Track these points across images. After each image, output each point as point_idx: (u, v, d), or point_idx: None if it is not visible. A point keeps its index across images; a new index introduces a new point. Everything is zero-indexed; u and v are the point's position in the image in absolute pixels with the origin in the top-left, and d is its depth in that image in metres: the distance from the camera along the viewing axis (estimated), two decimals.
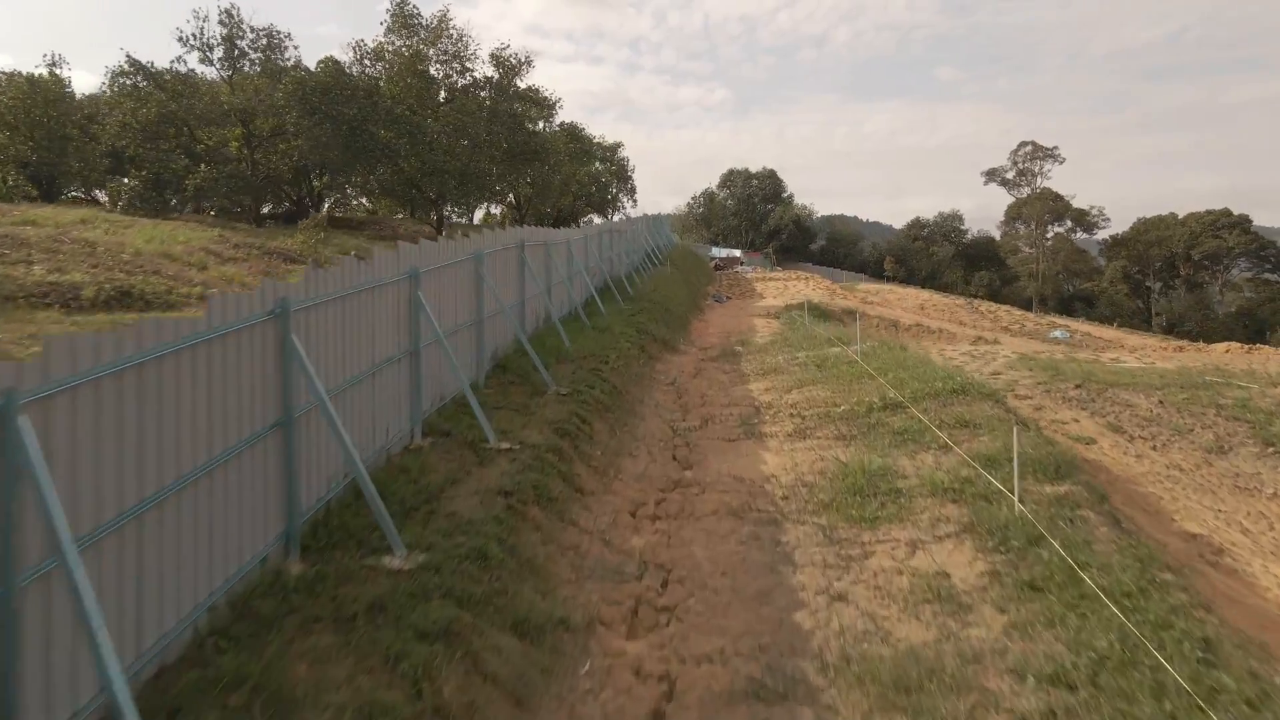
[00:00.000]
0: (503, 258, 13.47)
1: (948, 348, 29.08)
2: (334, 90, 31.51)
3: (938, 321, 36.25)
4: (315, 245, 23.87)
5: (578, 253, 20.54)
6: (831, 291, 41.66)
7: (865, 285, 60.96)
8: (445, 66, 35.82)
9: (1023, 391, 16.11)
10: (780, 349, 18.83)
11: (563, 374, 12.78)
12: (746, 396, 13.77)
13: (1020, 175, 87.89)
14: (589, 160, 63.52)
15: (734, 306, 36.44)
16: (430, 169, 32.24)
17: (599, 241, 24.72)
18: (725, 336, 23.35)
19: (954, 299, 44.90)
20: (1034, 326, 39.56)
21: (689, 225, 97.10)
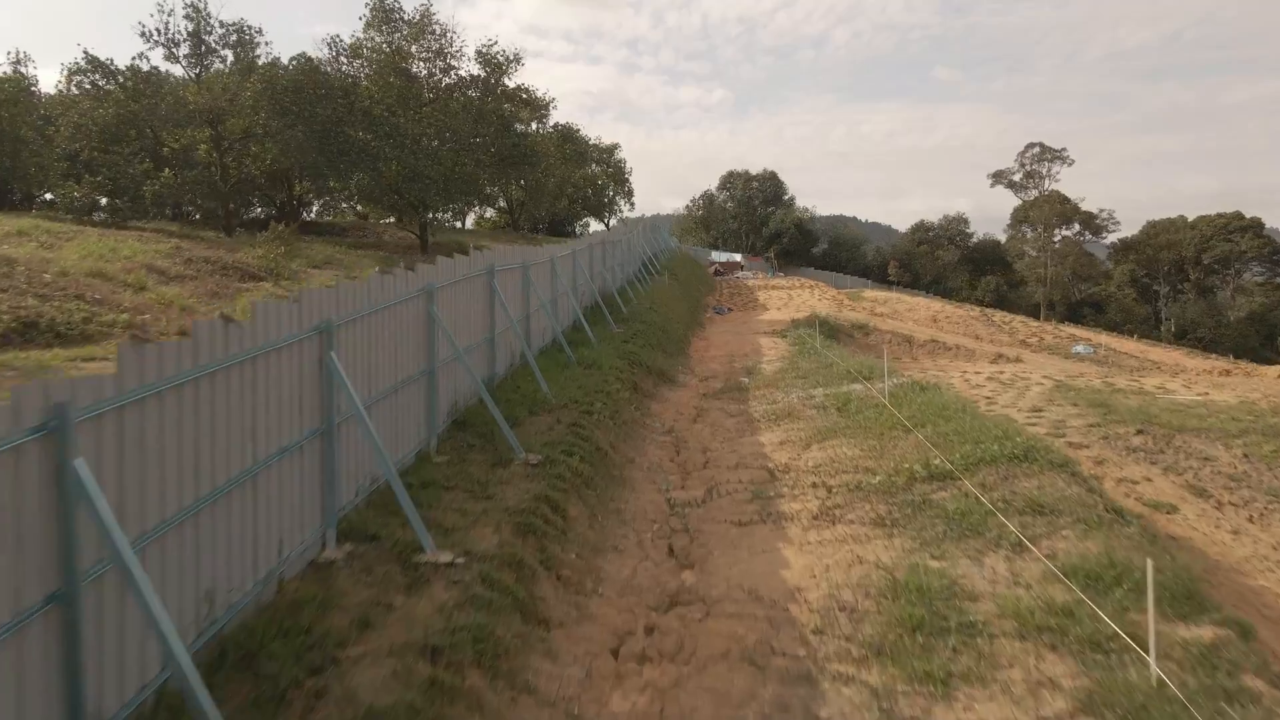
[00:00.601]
0: (466, 289, 11.27)
1: (968, 368, 26.89)
2: (307, 89, 29.29)
3: (953, 336, 34.03)
4: (277, 259, 21.62)
5: (564, 271, 18.33)
6: (838, 303, 39.47)
7: (871, 293, 58.78)
8: (429, 64, 33.61)
9: (1076, 437, 13.90)
10: (792, 381, 16.60)
11: (537, 432, 10.56)
12: (757, 452, 11.54)
13: (1028, 177, 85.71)
14: (584, 162, 61.28)
15: (736, 320, 34.23)
16: (411, 173, 30.00)
17: (589, 256, 22.51)
18: (729, 361, 21.13)
19: (967, 309, 42.71)
20: (1053, 340, 37.40)
21: (688, 228, 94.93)
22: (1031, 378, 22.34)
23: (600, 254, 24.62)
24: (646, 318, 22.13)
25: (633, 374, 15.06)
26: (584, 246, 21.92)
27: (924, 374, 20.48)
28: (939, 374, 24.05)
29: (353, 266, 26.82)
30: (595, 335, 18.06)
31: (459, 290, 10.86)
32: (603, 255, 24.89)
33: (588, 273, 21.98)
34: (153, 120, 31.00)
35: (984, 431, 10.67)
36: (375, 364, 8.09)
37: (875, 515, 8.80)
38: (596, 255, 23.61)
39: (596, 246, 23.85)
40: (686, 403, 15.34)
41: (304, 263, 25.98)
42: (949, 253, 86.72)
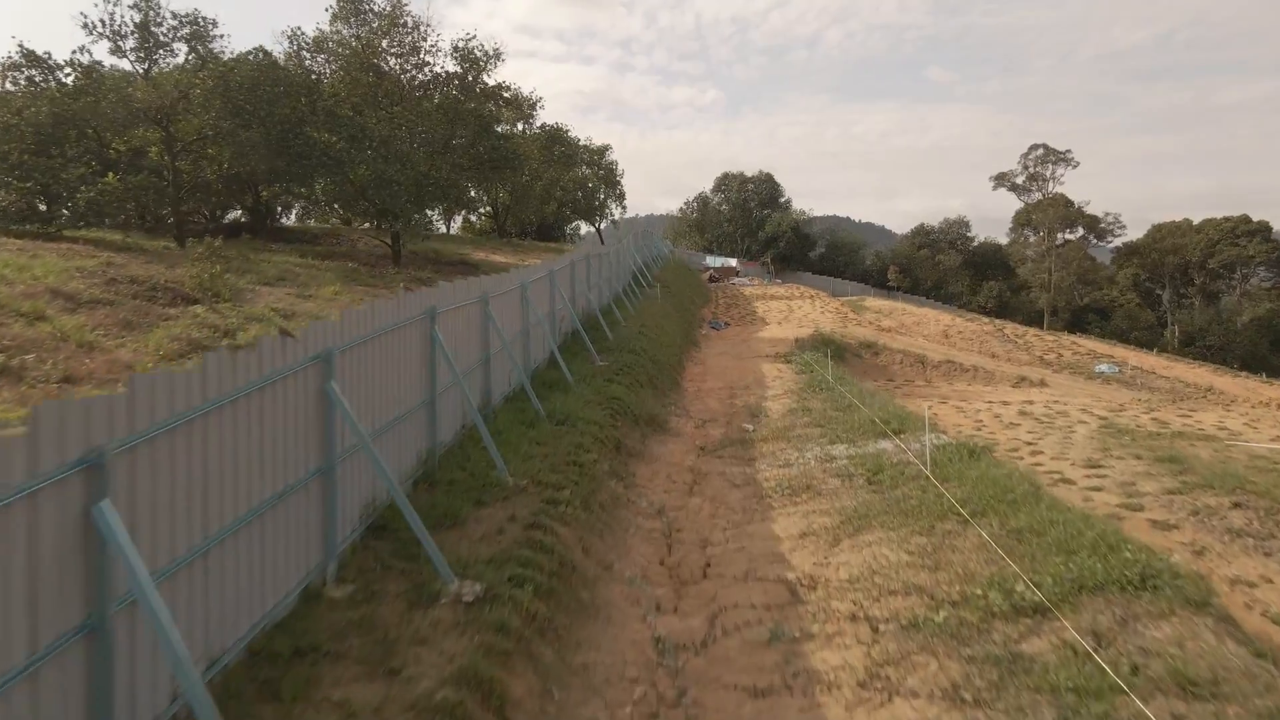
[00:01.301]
0: (397, 341, 8.67)
1: (991, 395, 24.39)
2: (263, 86, 26.61)
3: (968, 355, 31.55)
4: (213, 279, 18.95)
5: (539, 298, 15.73)
6: (842, 316, 36.94)
7: (874, 302, 56.34)
8: (401, 61, 30.96)
9: (1158, 511, 11.33)
10: (805, 431, 14.03)
11: (484, 536, 7.96)
12: (771, 550, 8.96)
13: (1031, 180, 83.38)
14: (574, 164, 58.65)
15: (734, 337, 31.67)
16: (379, 178, 27.35)
17: (570, 274, 19.91)
18: (728, 395, 18.56)
19: (979, 323, 40.12)
20: (1072, 357, 34.96)
21: (681, 231, 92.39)
22: (1070, 411, 19.84)
23: (584, 270, 22.04)
24: (635, 344, 19.53)
25: (615, 428, 12.45)
26: (564, 264, 19.33)
27: (961, 425, 17.96)
28: (962, 404, 21.56)
29: (310, 283, 24.15)
30: (574, 372, 15.46)
31: (382, 347, 8.27)
32: (587, 272, 22.30)
33: (569, 295, 19.38)
34: (96, 120, 28.27)
35: (1073, 534, 8.10)
36: (239, 467, 5.49)
37: (947, 684, 6.21)
38: (579, 273, 21.02)
39: (580, 263, 21.26)
40: (680, 461, 12.74)
41: (254, 279, 23.29)
42: (950, 257, 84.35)
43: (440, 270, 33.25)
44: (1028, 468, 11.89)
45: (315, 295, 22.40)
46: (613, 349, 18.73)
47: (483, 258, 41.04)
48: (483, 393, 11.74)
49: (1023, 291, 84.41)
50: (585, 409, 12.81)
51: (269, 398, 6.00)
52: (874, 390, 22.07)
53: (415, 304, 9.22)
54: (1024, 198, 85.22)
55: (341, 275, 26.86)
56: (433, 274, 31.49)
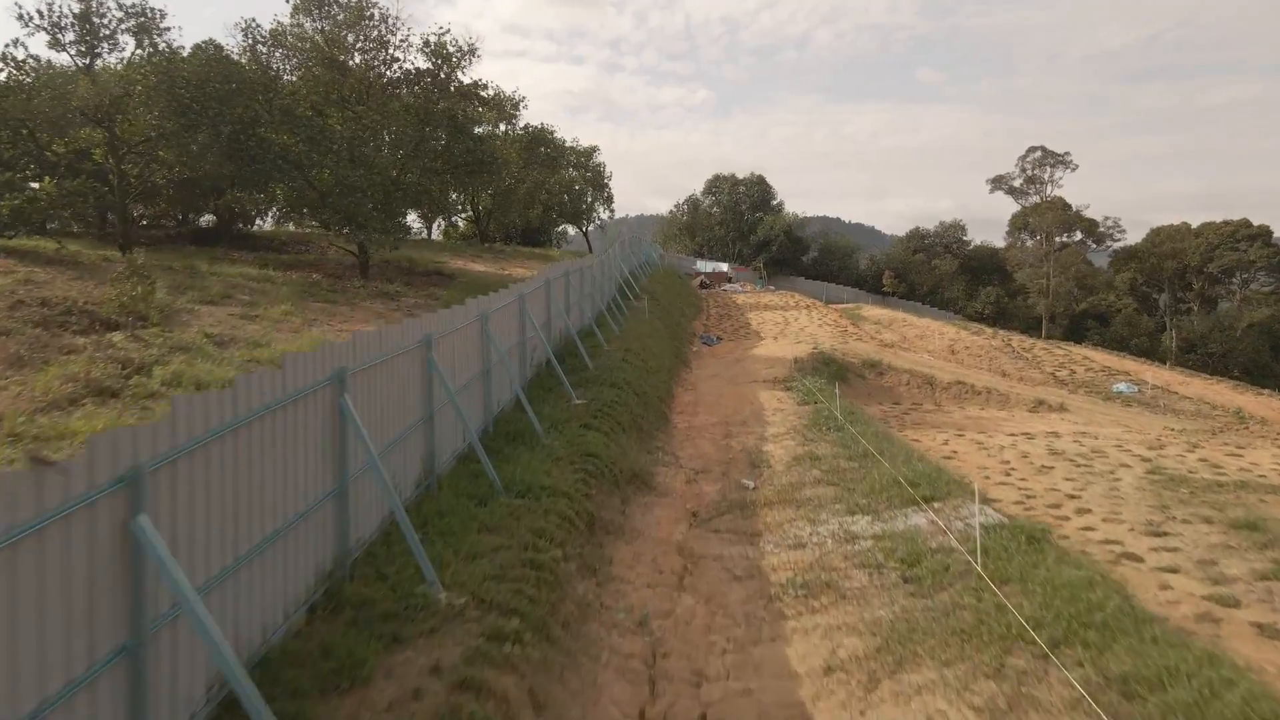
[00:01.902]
0: (307, 410, 6.40)
1: (1010, 423, 22.26)
2: (213, 83, 24.25)
3: (978, 373, 29.45)
4: (135, 300, 16.61)
5: (503, 330, 13.49)
6: (842, 330, 34.78)
7: (872, 310, 54.25)
8: (368, 57, 28.64)
9: (1257, 609, 9.15)
10: (818, 493, 11.81)
11: (389, 709, 5.69)
12: (789, 702, 6.74)
13: (1028, 182, 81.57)
14: (559, 166, 56.36)
15: (728, 354, 29.48)
16: (340, 184, 25.04)
17: (546, 295, 17.67)
18: (723, 434, 16.35)
19: (986, 336, 37.96)
20: (1085, 373, 32.93)
21: (672, 234, 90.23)
22: (1106, 449, 17.72)
23: (563, 289, 19.80)
24: (618, 374, 17.29)
25: (588, 498, 10.20)
26: (539, 285, 17.08)
27: (988, 470, 15.82)
28: (982, 438, 19.42)
29: (260, 301, 21.81)
30: (545, 417, 13.22)
31: (276, 428, 6.00)
32: (565, 291, 20.06)
33: (543, 319, 17.14)
34: (32, 120, 25.85)
35: (1205, 690, 5.91)
36: None
37: None
38: (557, 293, 18.78)
39: (557, 281, 19.02)
40: (668, 536, 10.51)
41: (196, 297, 20.95)
42: (945, 262, 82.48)
43: (412, 282, 30.94)
44: (1102, 559, 9.68)
45: (262, 316, 20.07)
46: (593, 381, 16.49)
47: (460, 266, 38.73)
48: (424, 459, 9.48)
49: (1019, 296, 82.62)
50: (554, 471, 10.56)
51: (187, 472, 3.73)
52: (886, 424, 19.93)
53: (319, 364, 6.94)
54: (1021, 201, 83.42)
55: (299, 290, 24.53)
56: (402, 287, 29.19)
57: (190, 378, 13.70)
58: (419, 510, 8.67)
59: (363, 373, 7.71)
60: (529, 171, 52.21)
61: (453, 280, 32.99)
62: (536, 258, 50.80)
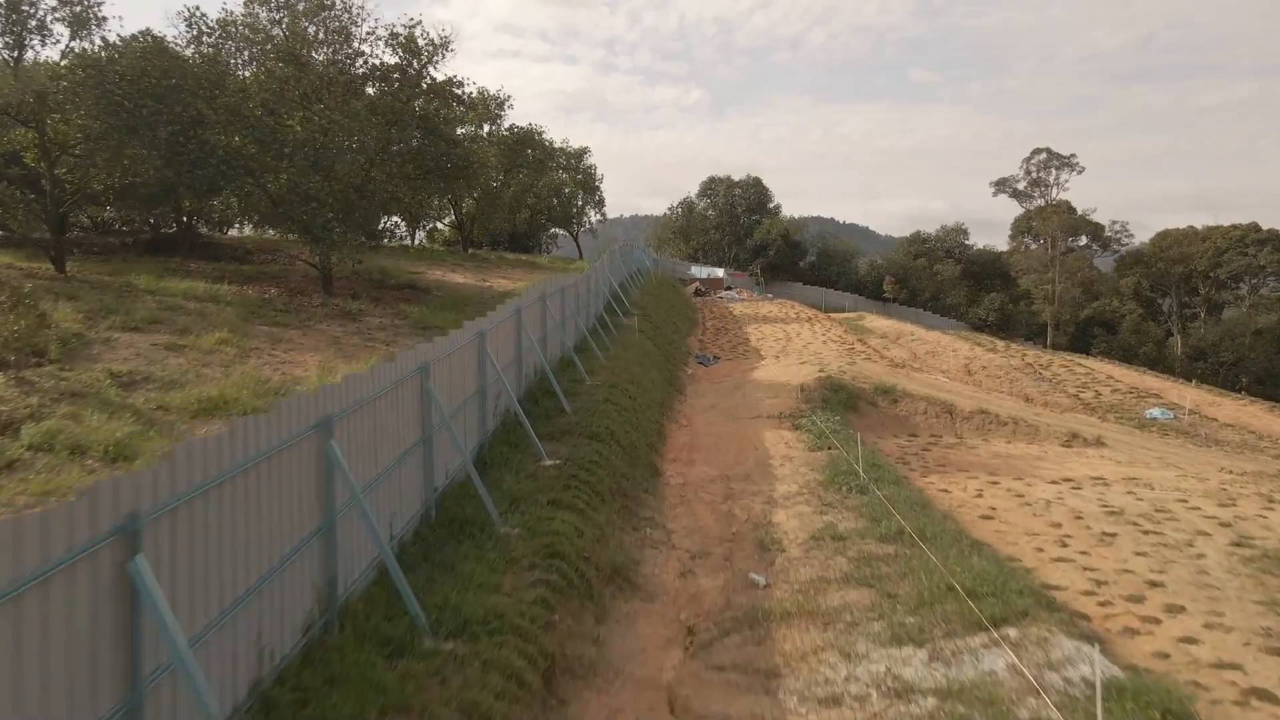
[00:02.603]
0: None
1: (1046, 464, 19.73)
2: (149, 79, 21.60)
3: (1000, 399, 26.94)
4: (23, 335, 13.95)
5: (455, 377, 10.89)
6: (848, 348, 32.23)
7: (875, 321, 51.79)
8: (331, 50, 26.02)
9: None
10: (848, 599, 9.22)
11: None
12: None
13: (1033, 185, 79.21)
14: (546, 169, 53.71)
15: (726, 377, 26.93)
16: (295, 191, 22.43)
17: (516, 326, 15.07)
18: (724, 499, 13.77)
19: (1001, 351, 35.28)
20: (1112, 396, 30.46)
21: (666, 238, 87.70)
22: (1169, 504, 15.20)
23: (538, 315, 17.21)
24: (600, 420, 14.71)
25: (548, 631, 7.60)
26: (507, 314, 14.48)
27: (1038, 537, 13.30)
28: (1020, 486, 16.90)
29: (194, 325, 19.16)
30: (503, 491, 10.65)
31: None
32: (542, 318, 17.46)
33: (511, 356, 14.54)
34: None
35: None
36: None
37: None
38: (530, 322, 16.17)
39: (530, 308, 16.41)
40: (655, 674, 7.92)
41: (119, 322, 18.30)
42: (947, 267, 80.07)
43: (381, 298, 28.30)
44: (1227, 700, 7.13)
45: (192, 346, 17.42)
46: (570, 431, 13.90)
47: (438, 278, 36.07)
48: (319, 588, 6.87)
49: (1022, 302, 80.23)
50: (506, 583, 7.99)
51: None
52: (905, 462, 17.37)
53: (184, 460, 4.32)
54: (1025, 204, 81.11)
55: (246, 311, 21.88)
56: (368, 304, 26.55)
57: (67, 439, 11.06)
58: (296, 679, 6.05)
59: (206, 495, 5.09)
60: (515, 174, 49.64)
61: (427, 295, 30.36)
62: (523, 265, 48.14)
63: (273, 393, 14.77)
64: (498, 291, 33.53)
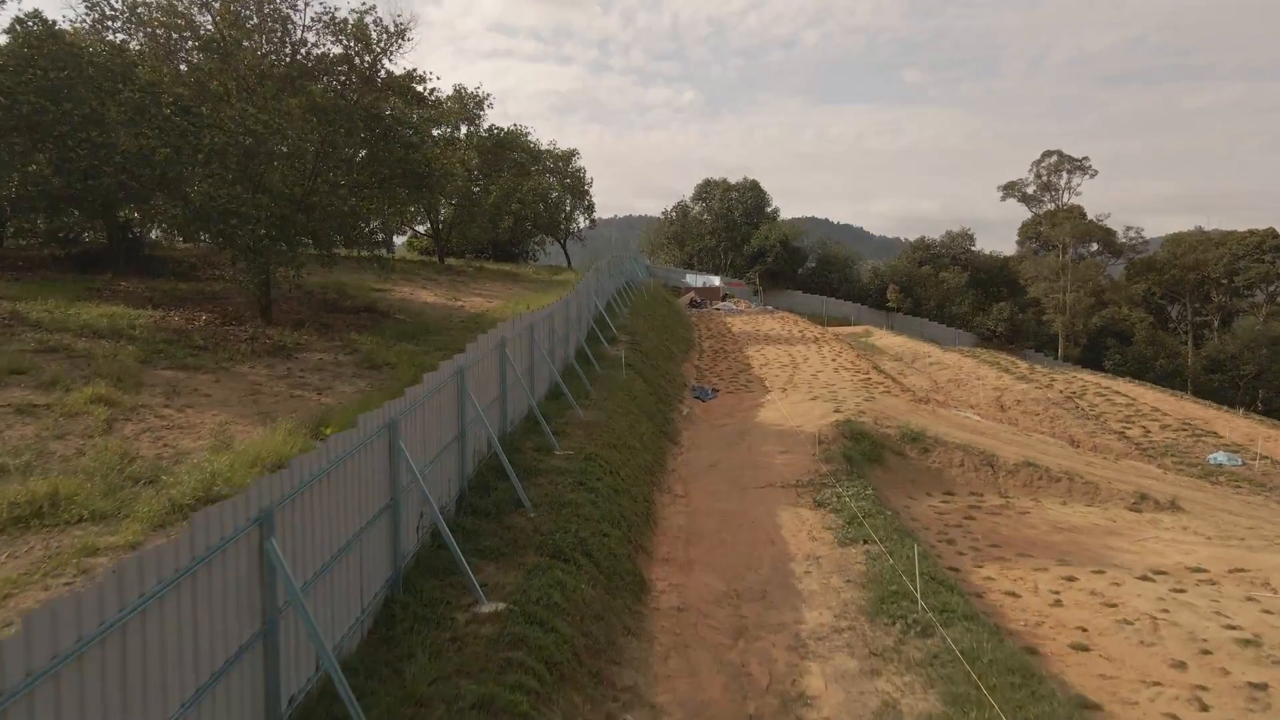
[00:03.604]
0: None
1: (1127, 544, 16.14)
2: (33, 71, 17.90)
3: (1045, 445, 23.34)
4: None
5: (352, 488, 7.20)
6: (864, 377, 28.56)
7: (884, 338, 48.29)
8: (264, 39, 22.31)
9: None
10: None
11: None
12: None
13: (1043, 189, 75.80)
14: (529, 173, 50.00)
15: (728, 420, 23.29)
16: (212, 205, 18.74)
17: (458, 392, 11.39)
18: (733, 638, 10.13)
19: (1035, 381, 31.55)
20: (1163, 433, 26.92)
21: (660, 244, 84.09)
22: None
23: (495, 369, 13.51)
24: (570, 518, 11.08)
25: None
26: (447, 377, 10.79)
27: (1166, 694, 9.68)
28: (1103, 588, 13.31)
29: (71, 373, 15.43)
30: (415, 674, 7.00)
31: None
32: (499, 371, 13.75)
33: (455, 432, 10.86)
34: None
35: None
36: None
37: None
38: (486, 376, 12.47)
39: (486, 361, 12.71)
40: None
41: None
42: (953, 274, 76.57)
43: (332, 324, 24.58)
44: None
45: (55, 405, 13.70)
46: (524, 543, 10.26)
47: (405, 296, 32.34)
48: None
49: (1030, 310, 76.72)
50: None
51: None
52: (947, 535, 13.73)
53: None
54: (1034, 208, 77.72)
55: (153, 349, 18.13)
56: (313, 334, 22.82)
57: None
58: None
59: None
60: (496, 179, 45.96)
61: (386, 319, 26.65)
62: (504, 277, 44.39)
63: (136, 480, 11.12)
64: (468, 313, 29.85)
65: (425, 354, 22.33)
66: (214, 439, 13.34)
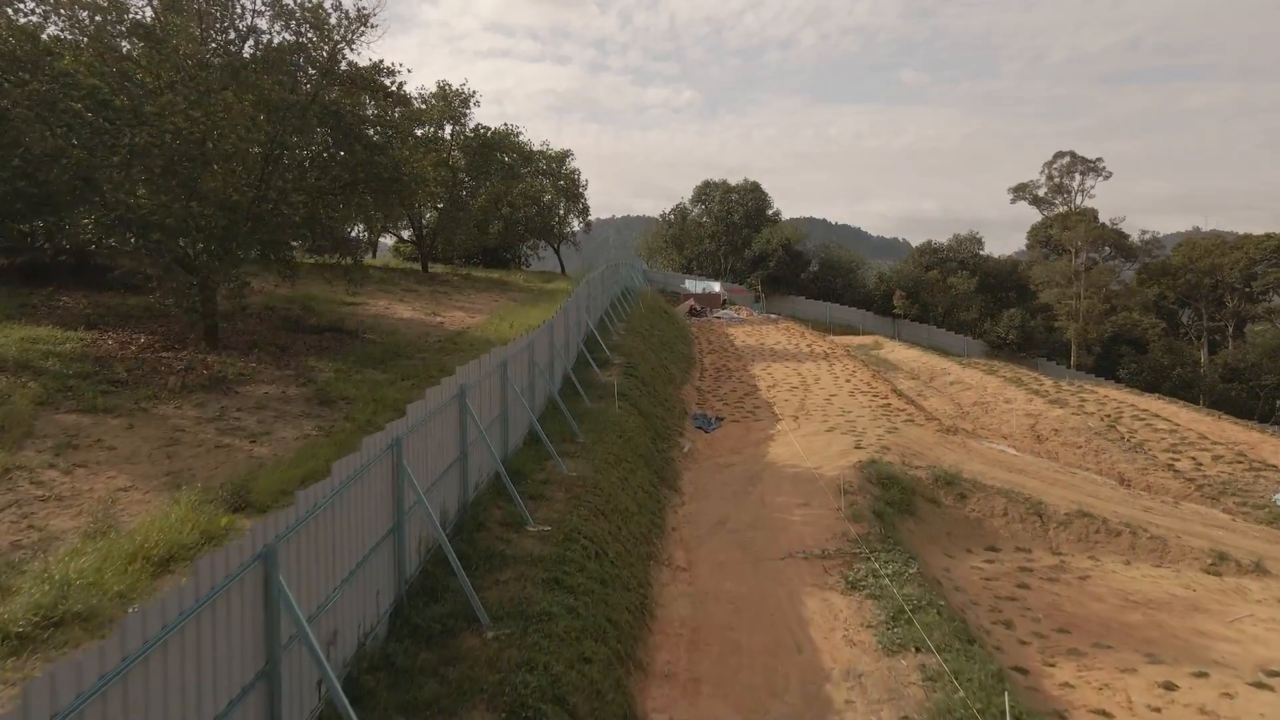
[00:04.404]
0: None
1: (1222, 631, 13.44)
2: None
3: (1094, 488, 20.64)
4: None
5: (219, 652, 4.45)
6: (883, 402, 25.84)
7: (895, 350, 45.56)
8: (210, 26, 19.55)
9: None
10: None
11: None
12: None
13: (1054, 191, 73.12)
14: (518, 176, 47.23)
15: (736, 459, 20.58)
16: (137, 215, 16.00)
17: (393, 464, 8.65)
18: None
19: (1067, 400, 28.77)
20: (1215, 465, 24.28)
21: (658, 248, 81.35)
22: None
23: (454, 421, 10.76)
24: (542, 636, 8.41)
25: None
26: (384, 447, 8.06)
27: None
28: (1219, 695, 10.62)
29: None
30: None
31: None
32: (459, 424, 10.99)
33: (385, 524, 8.14)
34: None
35: None
36: None
37: None
38: (444, 429, 9.73)
39: (445, 412, 9.97)
40: None
41: None
42: (962, 280, 73.82)
43: (289, 346, 21.84)
44: None
45: None
46: (473, 687, 7.56)
47: (380, 311, 29.57)
48: None
49: (1039, 316, 73.97)
50: None
51: None
52: (1000, 613, 11.03)
53: None
54: (1045, 210, 75.05)
55: (59, 385, 15.39)
56: (262, 362, 20.07)
57: None
58: None
59: None
60: (484, 181, 43.21)
61: (354, 340, 23.90)
62: (492, 286, 41.65)
63: None
64: (447, 332, 27.09)
65: (391, 384, 19.59)
66: (95, 518, 10.59)
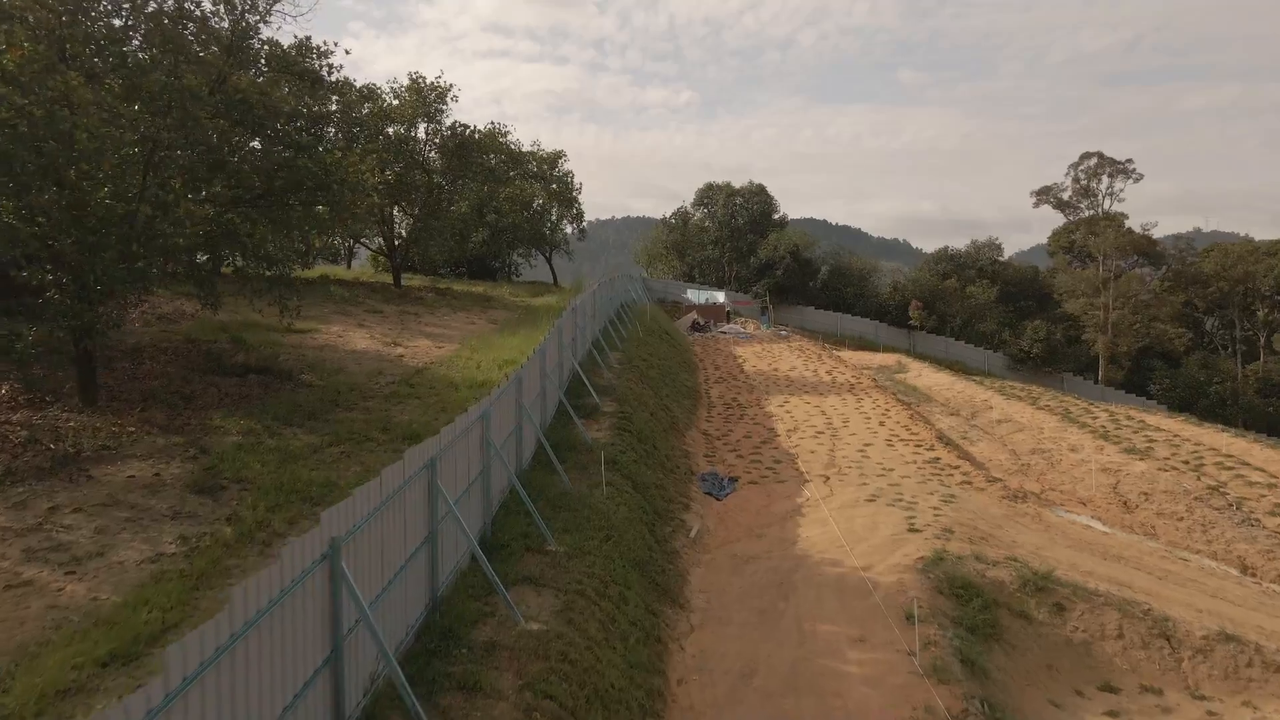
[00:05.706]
0: None
1: None
2: None
3: (1217, 583, 16.25)
4: None
5: None
6: (930, 455, 21.39)
7: (921, 372, 41.09)
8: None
9: None
10: None
11: None
12: None
13: (1080, 195, 68.69)
14: (504, 179, 42.74)
15: (757, 544, 16.10)
16: None
17: (324, 594, 4.08)
18: None
19: (1140, 443, 24.22)
20: None
21: (658, 254, 76.94)
22: None
23: (398, 522, 6.31)
24: None
25: None
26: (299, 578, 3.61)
27: None
28: None
29: None
30: None
31: None
32: (401, 526, 6.53)
33: None
34: None
35: None
36: None
37: None
38: (388, 532, 5.30)
39: (390, 508, 5.52)
40: None
41: None
42: (981, 288, 69.39)
43: (194, 398, 17.41)
44: None
45: None
46: None
47: (330, 340, 25.10)
48: None
49: (1061, 325, 69.48)
50: None
51: None
52: None
53: None
54: (1070, 214, 70.61)
55: None
56: (154, 420, 15.67)
57: None
58: None
59: None
60: (464, 185, 38.75)
61: (285, 383, 19.48)
62: (472, 302, 37.18)
63: None
64: (405, 368, 22.60)
65: (312, 453, 15.12)
66: None
